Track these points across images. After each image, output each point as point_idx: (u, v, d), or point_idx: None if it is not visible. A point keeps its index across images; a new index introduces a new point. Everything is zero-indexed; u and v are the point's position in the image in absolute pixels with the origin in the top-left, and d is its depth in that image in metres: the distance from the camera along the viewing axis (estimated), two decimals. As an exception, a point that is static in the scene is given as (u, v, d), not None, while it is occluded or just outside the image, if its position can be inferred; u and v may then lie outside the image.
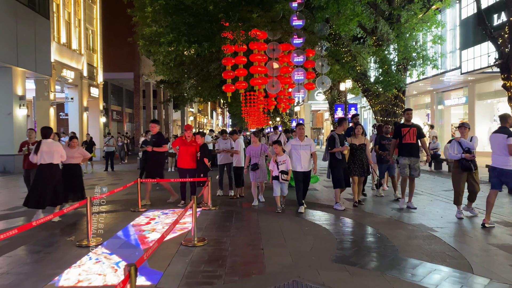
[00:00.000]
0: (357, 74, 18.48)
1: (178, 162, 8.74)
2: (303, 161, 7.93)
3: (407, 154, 8.15)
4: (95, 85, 24.21)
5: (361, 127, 8.64)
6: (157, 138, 9.04)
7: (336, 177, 8.07)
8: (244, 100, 33.45)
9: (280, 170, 7.86)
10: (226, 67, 16.52)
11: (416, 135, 8.17)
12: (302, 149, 7.93)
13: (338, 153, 8.01)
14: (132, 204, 8.81)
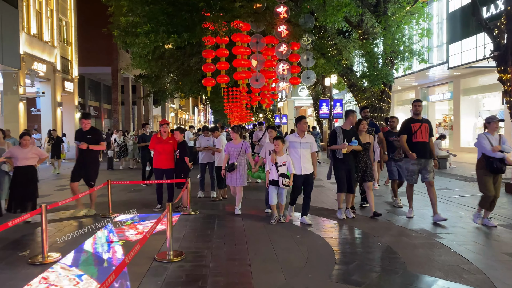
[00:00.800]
0: (343, 68, 17.84)
1: (153, 161, 7.83)
2: (303, 162, 6.54)
3: (418, 155, 6.58)
4: (70, 79, 22.91)
5: (366, 123, 7.23)
6: (93, 135, 7.58)
7: (337, 178, 6.82)
8: (227, 96, 32.56)
9: (280, 173, 6.37)
10: (207, 60, 15.58)
11: (428, 133, 6.71)
12: (302, 147, 6.57)
13: (339, 152, 6.64)
14: (102, 209, 7.88)
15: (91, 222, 7.02)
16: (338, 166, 6.74)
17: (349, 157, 6.72)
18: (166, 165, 7.71)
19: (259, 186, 10.84)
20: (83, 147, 7.30)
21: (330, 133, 6.94)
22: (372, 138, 7.30)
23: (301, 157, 6.55)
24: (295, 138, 6.66)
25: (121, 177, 13.92)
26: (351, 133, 6.69)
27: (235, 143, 7.51)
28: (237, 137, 7.53)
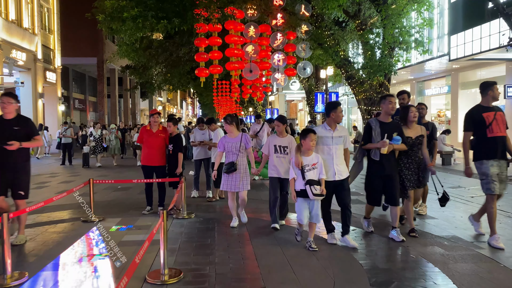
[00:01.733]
0: (340, 59, 16.93)
1: (142, 158, 6.78)
2: (337, 163, 4.87)
3: (495, 155, 4.92)
4: (52, 70, 21.55)
5: (415, 110, 5.32)
6: (22, 126, 5.05)
7: (368, 187, 5.26)
8: (216, 89, 31.47)
9: (308, 179, 4.60)
10: (199, 48, 14.45)
11: (505, 124, 5.05)
12: (335, 143, 4.87)
13: (375, 153, 5.00)
14: (84, 212, 6.82)
15: (69, 229, 5.98)
16: (373, 171, 5.11)
17: (390, 159, 5.02)
18: (156, 162, 6.69)
19: (257, 184, 9.88)
20: (14, 147, 4.77)
21: (365, 127, 5.39)
22: (425, 130, 5.42)
23: (334, 157, 4.87)
24: (326, 132, 4.92)
25: (104, 174, 12.81)
26: (392, 127, 5.01)
27: (232, 137, 5.94)
28: (233, 130, 5.93)
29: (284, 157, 5.63)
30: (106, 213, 6.88)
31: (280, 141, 5.72)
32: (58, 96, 22.13)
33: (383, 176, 5.07)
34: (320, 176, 4.68)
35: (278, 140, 5.71)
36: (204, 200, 7.91)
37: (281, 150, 5.68)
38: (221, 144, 6.01)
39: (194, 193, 8.20)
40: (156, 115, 6.76)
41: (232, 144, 5.88)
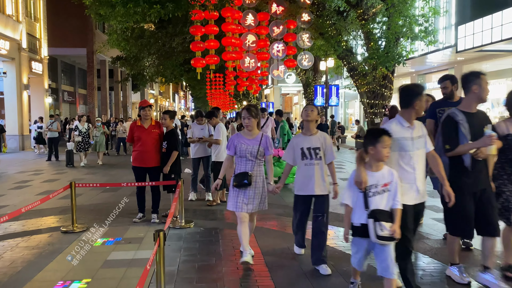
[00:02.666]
0: (342, 50, 15.98)
1: (134, 158, 5.78)
2: (419, 178, 3.27)
3: None
4: (38, 60, 20.29)
5: None
6: None
7: (455, 211, 3.48)
8: (209, 82, 30.46)
9: (373, 209, 2.98)
10: (195, 37, 13.39)
11: None
12: (416, 146, 3.26)
13: (467, 159, 3.48)
14: (65, 219, 5.85)
15: (45, 242, 4.98)
16: (463, 186, 3.46)
17: (482, 168, 3.56)
18: (150, 162, 5.71)
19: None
20: None
21: (443, 123, 3.65)
22: None
23: (416, 169, 3.24)
24: (403, 130, 3.22)
25: (92, 172, 11.77)
26: (480, 119, 3.55)
27: (249, 137, 4.08)
28: (254, 127, 4.08)
29: (318, 163, 3.95)
30: (91, 221, 5.90)
31: (308, 142, 3.98)
32: (45, 88, 20.89)
33: (475, 192, 3.52)
34: (394, 205, 2.99)
35: (306, 141, 3.99)
36: (203, 203, 6.96)
37: (312, 154, 3.96)
38: (231, 145, 4.10)
39: (191, 196, 7.24)
40: (148, 108, 5.76)
41: (248, 147, 4.01)
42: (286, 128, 9.38)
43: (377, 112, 16.88)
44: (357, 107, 29.00)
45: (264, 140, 4.07)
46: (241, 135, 4.12)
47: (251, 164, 4.04)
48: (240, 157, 4.07)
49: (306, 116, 4.01)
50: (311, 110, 4.04)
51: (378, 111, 16.69)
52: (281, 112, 9.80)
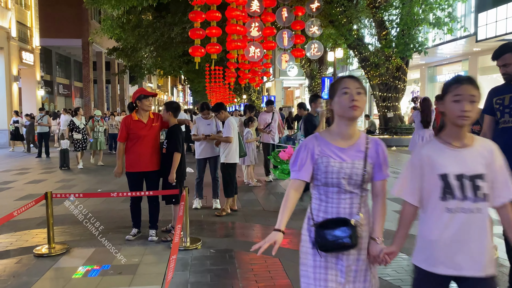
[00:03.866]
0: (354, 39, 14.81)
1: (128, 161, 4.56)
2: None
3: None
4: (29, 50, 18.97)
5: None
6: None
7: None
8: (209, 75, 29.25)
9: None
10: (194, 23, 12.08)
11: None
12: None
13: None
14: (41, 238, 4.67)
15: (9, 272, 3.80)
16: None
17: None
18: (148, 166, 4.52)
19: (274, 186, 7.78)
20: None
21: None
22: None
23: None
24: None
25: (82, 176, 10.57)
26: None
27: (342, 143, 1.93)
28: (355, 129, 1.99)
29: (479, 209, 1.76)
30: (74, 237, 4.74)
31: (460, 161, 1.79)
32: (37, 79, 19.59)
33: None
34: None
35: (452, 159, 1.80)
36: (211, 213, 5.78)
37: (468, 188, 1.76)
38: (304, 160, 1.93)
39: (196, 203, 6.06)
40: (151, 98, 4.55)
41: (344, 164, 1.88)
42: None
43: (389, 106, 15.75)
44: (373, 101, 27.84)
45: (374, 148, 1.93)
46: (325, 139, 1.92)
47: (351, 200, 1.90)
48: (327, 186, 1.91)
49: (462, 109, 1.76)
50: None
51: (391, 104, 15.55)
52: (304, 105, 8.64)
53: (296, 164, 1.94)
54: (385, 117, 15.44)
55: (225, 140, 5.58)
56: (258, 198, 6.71)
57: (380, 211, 1.94)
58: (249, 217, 5.56)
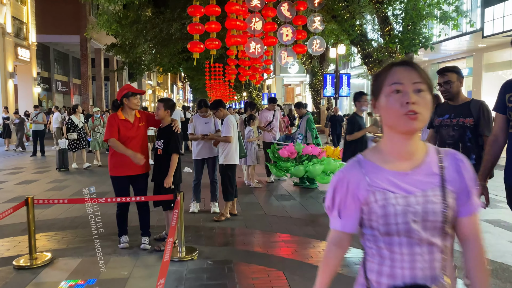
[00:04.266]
0: (357, 35, 14.36)
1: (113, 164, 4.15)
2: None
3: None
4: (26, 46, 18.55)
5: None
6: None
7: None
8: (209, 73, 28.89)
9: None
10: (193, 18, 11.68)
11: None
12: None
13: None
14: (22, 248, 4.27)
15: (-15, 287, 3.42)
16: None
17: None
18: (136, 168, 4.12)
19: (277, 187, 7.39)
20: None
21: None
22: None
23: None
24: None
25: (76, 176, 10.18)
26: None
27: (401, 165, 1.24)
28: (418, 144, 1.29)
29: None
30: (61, 246, 4.35)
31: None
32: (33, 76, 19.18)
33: None
34: None
35: None
36: (209, 217, 5.39)
37: None
38: (344, 200, 1.27)
39: (193, 207, 5.67)
40: (139, 95, 4.15)
41: (412, 198, 1.19)
42: (313, 122, 7.84)
43: (393, 103, 15.31)
44: (363, 98, 27.39)
45: (453, 167, 1.24)
46: (374, 163, 1.26)
47: (431, 255, 1.20)
48: (389, 236, 1.20)
49: None
50: None
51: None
52: (302, 104, 8.23)
53: (334, 208, 1.28)
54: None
55: (224, 140, 5.19)
56: (259, 201, 6.32)
57: (478, 265, 1.23)
58: (250, 222, 5.17)
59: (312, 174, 6.91)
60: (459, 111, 3.04)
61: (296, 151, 7.24)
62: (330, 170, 6.90)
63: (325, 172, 6.91)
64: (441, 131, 3.15)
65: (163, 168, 4.16)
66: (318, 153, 7.11)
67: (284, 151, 7.26)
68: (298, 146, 7.27)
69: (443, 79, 3.08)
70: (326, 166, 6.83)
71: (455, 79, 3.05)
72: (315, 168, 6.79)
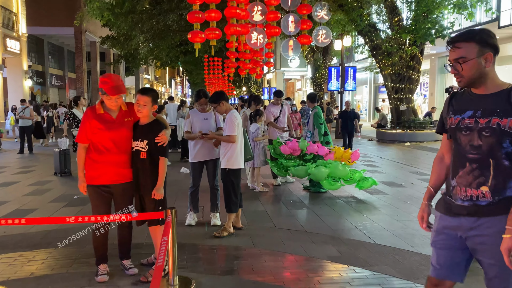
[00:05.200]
0: (365, 25, 13.48)
1: (89, 171, 3.23)
2: None
3: None
4: (15, 37, 17.53)
5: None
6: None
7: None
8: (207, 66, 27.98)
9: None
10: (193, 6, 10.68)
11: None
12: None
13: None
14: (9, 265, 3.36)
15: None
16: None
17: None
18: (120, 176, 3.20)
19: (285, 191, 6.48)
20: None
21: None
22: None
23: None
24: None
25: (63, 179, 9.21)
26: None
27: None
28: None
29: None
30: (22, 273, 3.43)
31: None
32: (24, 69, 18.16)
33: None
34: None
35: None
36: (209, 232, 4.48)
37: None
38: None
39: (189, 218, 4.74)
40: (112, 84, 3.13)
41: None
42: (322, 117, 6.88)
43: (402, 98, 14.43)
44: (366, 93, 26.51)
45: None
46: None
47: None
48: None
49: None
50: None
51: (404, 96, 14.25)
52: (314, 96, 7.29)
53: None
54: (397, 110, 14.14)
55: (227, 140, 4.26)
56: (267, 210, 5.41)
57: None
58: (257, 238, 4.26)
59: (315, 177, 6.02)
60: (491, 105, 1.80)
61: (299, 149, 6.35)
62: (337, 176, 5.97)
63: (333, 177, 6.00)
64: (458, 137, 1.90)
65: (147, 176, 3.23)
66: (325, 154, 6.21)
67: (286, 147, 6.37)
68: (302, 142, 6.38)
69: (454, 55, 1.84)
70: (332, 171, 5.91)
71: (475, 53, 1.79)
72: (319, 171, 5.88)
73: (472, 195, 1.81)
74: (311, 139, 6.88)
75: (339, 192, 6.36)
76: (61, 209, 5.53)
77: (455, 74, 1.87)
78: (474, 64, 1.80)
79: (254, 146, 6.34)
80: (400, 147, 12.84)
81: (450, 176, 1.94)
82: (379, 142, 14.18)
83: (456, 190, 1.88)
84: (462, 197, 1.85)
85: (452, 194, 1.91)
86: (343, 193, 6.35)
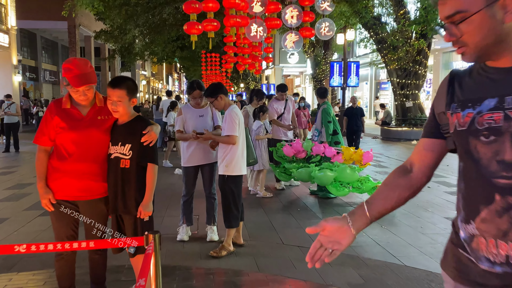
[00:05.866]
0: (370, 18, 12.76)
1: (52, 183, 2.47)
2: None
3: None
4: (4, 30, 16.69)
5: None
6: None
7: None
8: (205, 62, 27.25)
9: None
10: (189, -5, 9.88)
11: None
12: None
13: None
14: None
15: None
16: None
17: None
18: (82, 193, 2.47)
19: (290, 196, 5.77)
20: None
21: None
22: None
23: None
24: None
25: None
26: None
27: None
28: None
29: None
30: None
31: None
32: (13, 63, 17.33)
33: None
34: None
35: None
36: (204, 250, 3.75)
37: None
38: None
39: (181, 233, 4.01)
40: (76, 70, 2.36)
41: None
42: (331, 114, 6.14)
43: (408, 94, 13.75)
44: (366, 90, 25.82)
45: None
46: None
47: None
48: None
49: None
50: None
51: (410, 92, 13.57)
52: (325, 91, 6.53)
53: None
54: (403, 106, 13.45)
55: (226, 141, 3.53)
56: (272, 221, 4.69)
57: None
58: (262, 259, 3.55)
59: (320, 182, 5.31)
60: None
61: (304, 150, 5.65)
62: (344, 181, 5.22)
63: (341, 181, 5.25)
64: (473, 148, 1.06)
65: (130, 190, 2.50)
66: (332, 156, 5.48)
67: (289, 149, 5.68)
68: (307, 143, 5.68)
69: (445, 9, 1.04)
70: (338, 175, 5.17)
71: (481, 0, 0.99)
72: (324, 175, 5.16)
73: (510, 253, 1.00)
74: (318, 138, 6.16)
75: (350, 198, 5.66)
76: (35, 219, 4.79)
77: (453, 43, 1.06)
78: (482, 19, 0.99)
79: (256, 146, 5.62)
80: (407, 145, 12.16)
81: (461, 217, 1.11)
82: (383, 140, 13.49)
83: (479, 243, 1.05)
84: (491, 256, 1.03)
85: (470, 250, 1.08)
86: (355, 199, 5.65)
